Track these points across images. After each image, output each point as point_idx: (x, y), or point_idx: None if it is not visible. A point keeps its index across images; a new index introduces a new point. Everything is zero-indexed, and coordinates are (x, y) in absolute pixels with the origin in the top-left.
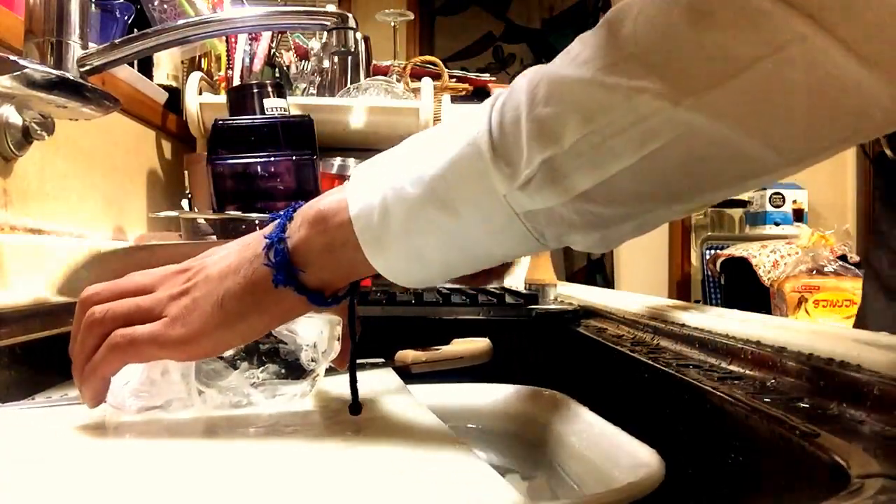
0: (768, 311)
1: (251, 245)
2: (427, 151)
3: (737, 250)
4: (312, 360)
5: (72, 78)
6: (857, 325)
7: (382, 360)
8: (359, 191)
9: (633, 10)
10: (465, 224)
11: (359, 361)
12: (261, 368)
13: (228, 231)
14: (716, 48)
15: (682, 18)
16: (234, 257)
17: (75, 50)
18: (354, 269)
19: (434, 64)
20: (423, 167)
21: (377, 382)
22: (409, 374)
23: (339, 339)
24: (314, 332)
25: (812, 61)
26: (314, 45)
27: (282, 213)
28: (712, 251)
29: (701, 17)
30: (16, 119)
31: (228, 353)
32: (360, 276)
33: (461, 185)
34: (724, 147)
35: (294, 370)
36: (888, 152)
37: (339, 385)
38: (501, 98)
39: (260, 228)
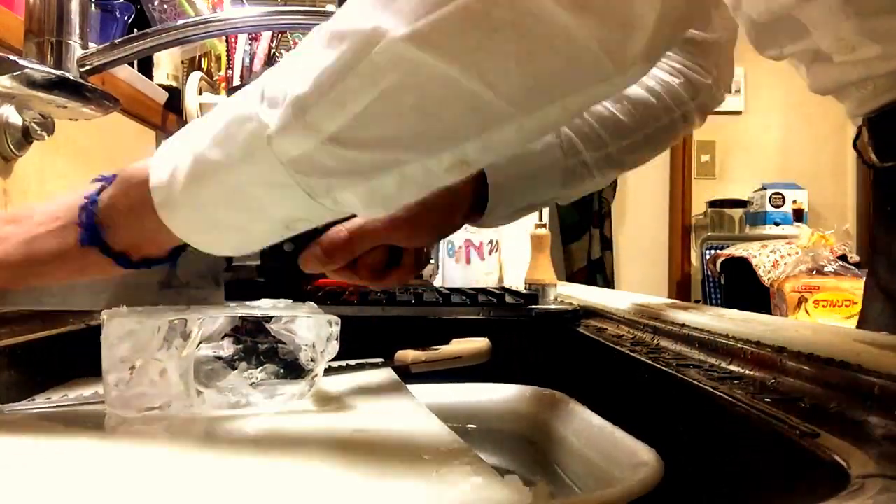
0: (768, 311)
1: (76, 195)
2: (218, 111)
3: (737, 250)
4: (311, 360)
5: (72, 78)
6: (858, 328)
7: (382, 359)
8: (159, 153)
9: None
10: (240, 175)
11: (358, 362)
12: (259, 368)
13: None
14: None
15: None
16: (56, 205)
17: (75, 50)
18: (157, 234)
19: None
20: (210, 123)
21: (376, 382)
22: (408, 374)
23: (337, 340)
24: (313, 332)
25: (516, 2)
26: None
27: (109, 175)
28: (712, 251)
29: None
30: (16, 119)
31: (227, 353)
32: (164, 243)
33: (236, 133)
34: (450, 87)
35: (292, 370)
36: (873, 158)
37: (337, 385)
38: (285, 55)
39: None
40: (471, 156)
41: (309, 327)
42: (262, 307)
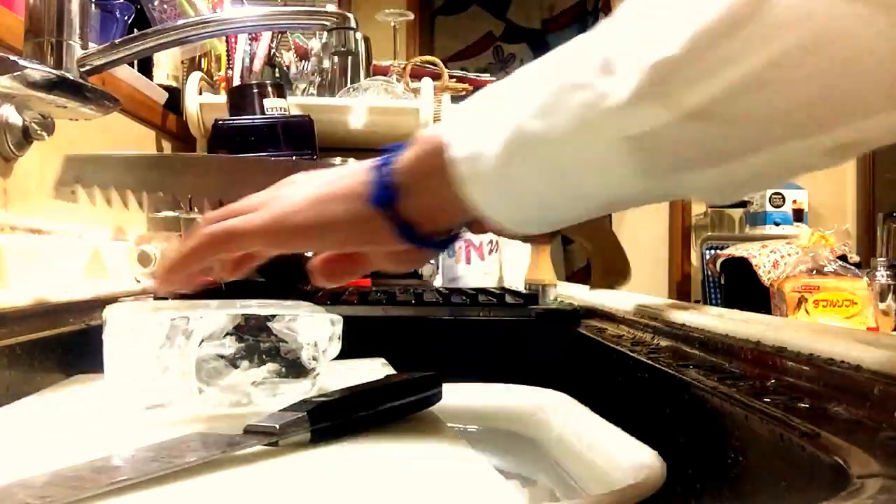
0: (768, 311)
1: (361, 164)
2: (536, 75)
3: (737, 250)
4: (313, 359)
5: (72, 78)
6: None
7: (383, 359)
8: (455, 119)
9: None
10: (566, 149)
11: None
12: (261, 367)
13: None
14: None
15: None
16: (345, 169)
17: (75, 50)
18: (450, 203)
19: (434, 64)
20: (530, 89)
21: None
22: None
23: (339, 339)
24: (315, 331)
25: None
26: (314, 45)
27: (403, 143)
28: (712, 251)
29: None
30: (16, 119)
31: (229, 351)
32: (457, 215)
33: (564, 103)
34: (869, 44)
35: (294, 369)
36: None
37: (340, 384)
38: (620, 12)
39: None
40: (865, 137)
41: (311, 326)
42: (263, 306)
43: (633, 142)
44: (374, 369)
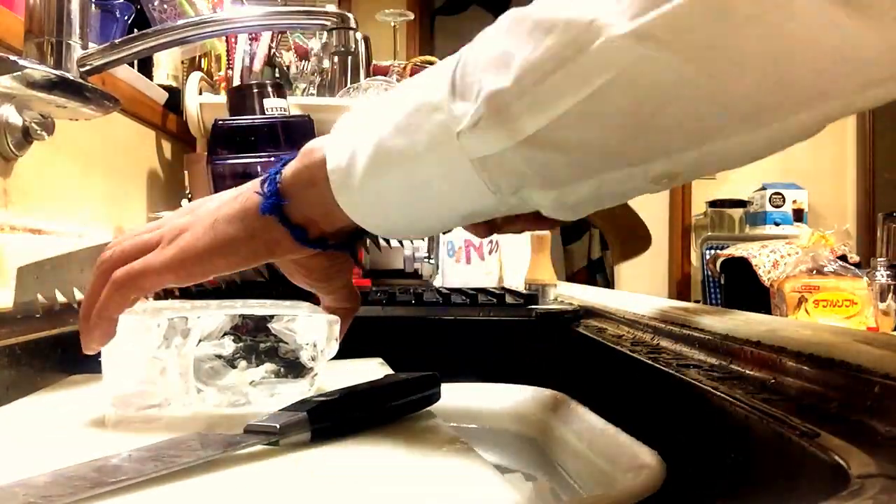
0: (768, 311)
1: (251, 183)
2: (401, 94)
3: (737, 250)
4: (312, 360)
5: (72, 78)
6: None
7: (381, 359)
8: (336, 133)
9: None
10: (423, 166)
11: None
12: (259, 367)
13: None
14: None
15: None
16: (232, 191)
17: (75, 50)
18: (329, 209)
19: (434, 64)
20: (394, 109)
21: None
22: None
23: (337, 340)
24: (313, 331)
25: None
26: (314, 45)
27: (288, 154)
28: (712, 251)
29: None
30: (16, 119)
31: (227, 351)
32: (335, 219)
33: (421, 123)
34: (671, 88)
35: (292, 369)
36: None
37: (337, 384)
38: (477, 36)
39: None
40: (682, 167)
41: (309, 327)
42: (262, 306)
43: (479, 162)
44: (372, 369)
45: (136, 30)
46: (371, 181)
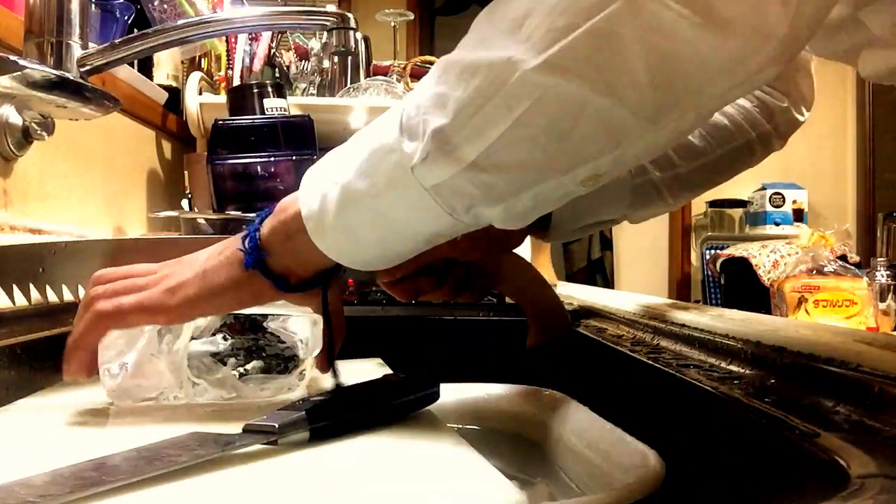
0: (768, 311)
1: (235, 237)
2: (358, 142)
3: (737, 250)
4: (297, 357)
5: (72, 78)
6: None
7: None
8: (306, 185)
9: None
10: (386, 200)
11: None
12: (249, 364)
13: (228, 231)
14: (560, 6)
15: None
16: (221, 245)
17: (75, 50)
18: (309, 256)
19: (434, 64)
20: (354, 156)
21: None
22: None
23: (321, 338)
24: (299, 329)
25: (640, 20)
26: (314, 45)
27: (263, 211)
28: (712, 251)
29: None
30: (16, 119)
31: (218, 349)
32: (317, 264)
33: (380, 163)
34: (580, 106)
35: (280, 366)
36: None
37: (329, 378)
38: (413, 90)
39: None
40: (603, 169)
41: (295, 326)
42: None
43: (433, 190)
44: (371, 369)
45: (136, 30)
46: (342, 220)
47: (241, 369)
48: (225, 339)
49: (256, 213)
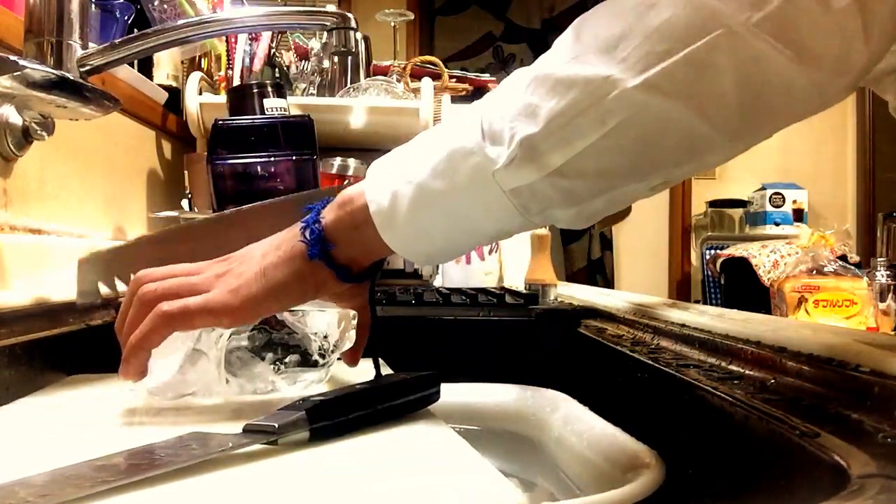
0: (768, 311)
1: (290, 231)
2: (432, 144)
3: (737, 250)
4: (321, 349)
5: (72, 78)
6: None
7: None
8: (373, 180)
9: (594, 12)
10: (462, 201)
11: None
12: (286, 358)
13: None
14: (658, 32)
15: (632, 8)
16: (276, 240)
17: (75, 50)
18: (374, 247)
19: (434, 64)
20: (428, 156)
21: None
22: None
23: (351, 333)
24: (323, 323)
25: (736, 49)
26: (314, 45)
27: (317, 204)
28: (712, 251)
29: (649, 6)
30: (16, 119)
31: (256, 343)
32: (379, 255)
33: (459, 167)
34: (671, 123)
35: (312, 360)
36: None
37: (337, 384)
38: (489, 96)
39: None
40: (675, 177)
41: (318, 320)
42: None
43: (513, 192)
44: (372, 369)
45: (136, 30)
46: (414, 217)
47: (279, 364)
48: (263, 333)
49: (308, 205)
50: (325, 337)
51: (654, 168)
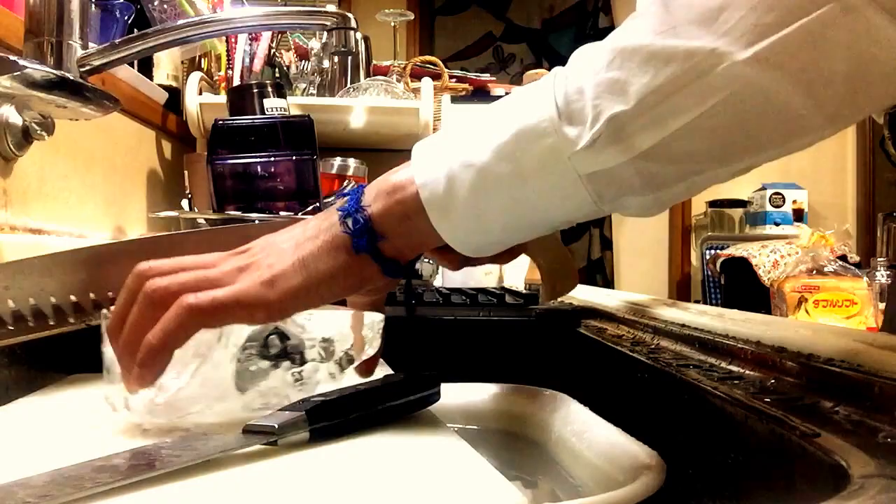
0: (768, 311)
1: (323, 217)
2: (492, 123)
3: (737, 250)
4: (321, 354)
5: (72, 78)
6: (883, 328)
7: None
8: (423, 164)
9: None
10: (530, 187)
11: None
12: (301, 366)
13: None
14: (764, 3)
15: None
16: (308, 230)
17: (75, 50)
18: (423, 238)
19: (434, 64)
20: (489, 136)
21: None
22: None
23: (380, 336)
24: (324, 327)
25: (852, 24)
26: (314, 45)
27: (349, 191)
28: (712, 251)
29: None
30: (16, 119)
31: (272, 352)
32: (428, 246)
33: (529, 148)
34: (774, 101)
35: (328, 365)
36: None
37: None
38: (562, 71)
39: (260, 228)
40: (760, 162)
41: (320, 323)
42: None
43: (590, 177)
44: None
45: (136, 30)
46: (473, 204)
47: (297, 374)
48: (281, 340)
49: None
50: (334, 342)
51: (744, 151)
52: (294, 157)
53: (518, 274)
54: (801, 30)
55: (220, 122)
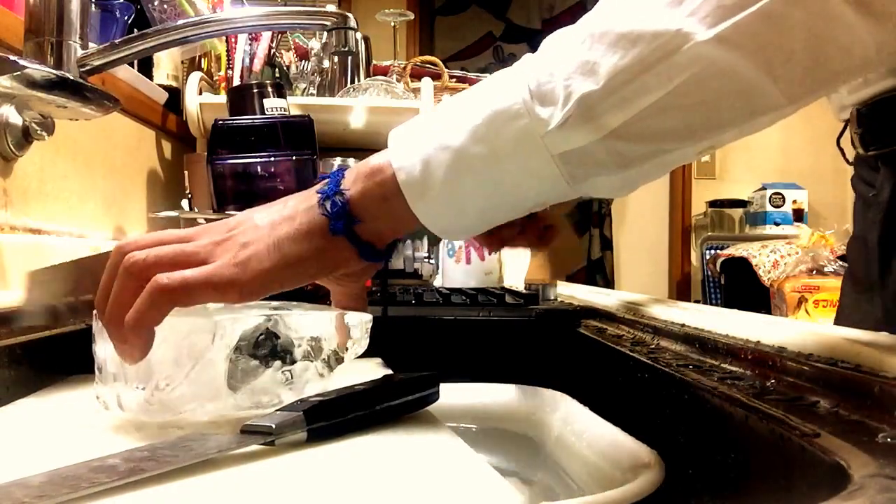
0: (768, 311)
1: (303, 199)
2: (467, 107)
3: (737, 250)
4: (308, 353)
5: (72, 78)
6: (836, 322)
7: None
8: (399, 148)
9: None
10: (505, 167)
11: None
12: (291, 365)
13: None
14: None
15: None
16: (286, 210)
17: (75, 50)
18: (400, 222)
19: (434, 64)
20: (464, 119)
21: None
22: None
23: (367, 336)
24: (309, 325)
25: (809, 4)
26: (314, 45)
27: (330, 174)
28: (712, 251)
29: None
30: (16, 119)
31: (264, 351)
32: (405, 230)
33: (503, 130)
34: (735, 80)
35: (324, 366)
36: (858, 149)
37: (336, 384)
38: (533, 56)
39: None
40: (724, 141)
41: (311, 322)
42: (299, 306)
43: (563, 156)
44: (371, 369)
45: (136, 30)
46: (450, 187)
47: (288, 374)
48: (272, 340)
49: (322, 176)
50: (322, 341)
51: (708, 129)
52: (294, 157)
53: (518, 274)
54: (761, 10)
55: (220, 122)
